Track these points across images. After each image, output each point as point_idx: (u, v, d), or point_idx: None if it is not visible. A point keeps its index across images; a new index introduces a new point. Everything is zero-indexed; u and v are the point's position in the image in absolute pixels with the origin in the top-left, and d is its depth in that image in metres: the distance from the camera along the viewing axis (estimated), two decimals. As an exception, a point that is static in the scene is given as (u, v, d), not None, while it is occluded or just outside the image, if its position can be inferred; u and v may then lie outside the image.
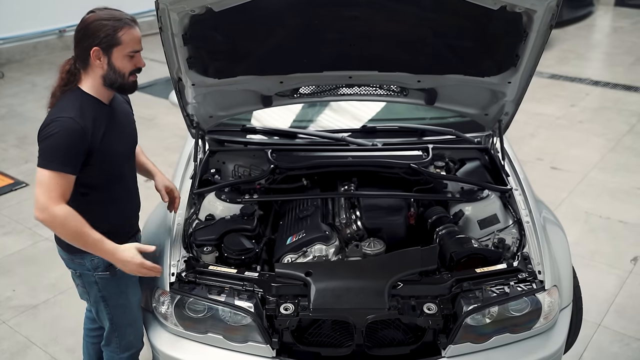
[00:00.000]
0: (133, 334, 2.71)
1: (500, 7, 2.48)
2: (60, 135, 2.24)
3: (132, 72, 2.39)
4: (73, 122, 2.26)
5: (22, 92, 7.87)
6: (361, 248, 2.73)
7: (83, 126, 2.28)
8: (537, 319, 2.51)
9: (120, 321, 2.65)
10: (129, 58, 2.34)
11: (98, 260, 2.49)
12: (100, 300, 2.60)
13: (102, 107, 2.41)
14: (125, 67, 2.35)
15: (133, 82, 2.42)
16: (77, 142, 2.27)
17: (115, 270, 2.51)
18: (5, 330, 3.79)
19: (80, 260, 2.51)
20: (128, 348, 2.72)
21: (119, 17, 2.32)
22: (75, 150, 2.27)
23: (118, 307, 2.62)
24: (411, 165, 3.08)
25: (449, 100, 3.25)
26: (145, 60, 2.40)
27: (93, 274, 2.53)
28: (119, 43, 2.30)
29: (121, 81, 2.37)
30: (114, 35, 2.28)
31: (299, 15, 2.67)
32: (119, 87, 2.40)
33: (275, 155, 3.21)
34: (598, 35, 11.44)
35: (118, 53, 2.31)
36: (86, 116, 2.31)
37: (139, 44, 2.37)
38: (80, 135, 2.27)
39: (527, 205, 2.92)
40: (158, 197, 2.82)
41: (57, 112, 2.31)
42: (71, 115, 2.27)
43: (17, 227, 4.91)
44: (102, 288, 2.57)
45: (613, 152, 6.17)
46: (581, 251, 4.40)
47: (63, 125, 2.25)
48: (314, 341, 2.50)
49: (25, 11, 9.33)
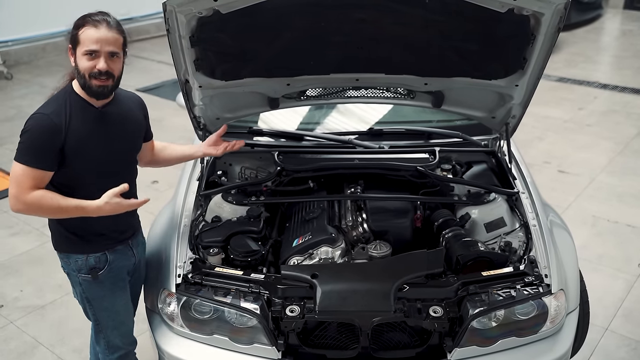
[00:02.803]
0: (119, 336, 2.70)
1: (508, 9, 2.47)
2: (34, 131, 2.29)
3: (93, 75, 2.29)
4: (47, 119, 2.29)
5: (30, 93, 7.90)
6: (367, 250, 2.74)
7: (57, 123, 2.29)
8: (543, 322, 2.50)
9: (106, 323, 2.65)
10: (87, 57, 2.28)
11: (81, 262, 2.50)
12: (85, 300, 2.61)
13: (86, 108, 2.38)
14: (83, 67, 2.29)
15: (96, 87, 2.31)
16: (49, 138, 2.29)
17: (97, 274, 2.52)
18: (12, 331, 3.80)
19: (67, 259, 2.54)
20: (116, 350, 2.72)
21: (89, 17, 2.30)
22: (46, 146, 2.29)
23: (102, 310, 2.62)
24: (418, 168, 3.08)
25: (456, 103, 3.25)
26: (153, 62, 2.41)
27: (77, 275, 2.55)
28: (78, 42, 2.28)
29: (82, 82, 2.32)
30: (76, 33, 2.28)
31: (306, 17, 2.67)
32: (85, 89, 2.34)
33: (281, 157, 3.21)
34: (607, 38, 11.40)
35: (79, 52, 2.29)
36: (65, 114, 2.32)
37: (97, 44, 2.26)
38: (52, 131, 2.28)
39: (534, 208, 2.91)
40: (165, 198, 2.83)
41: (40, 107, 2.35)
42: (47, 112, 2.30)
43: (25, 228, 4.93)
44: (85, 289, 2.58)
45: (621, 155, 6.14)
46: (588, 255, 4.38)
47: (37, 121, 2.30)
48: (319, 343, 2.50)
49: (34, 13, 9.38)
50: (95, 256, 2.52)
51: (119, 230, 2.59)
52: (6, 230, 4.94)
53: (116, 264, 2.58)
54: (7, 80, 8.75)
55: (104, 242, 2.53)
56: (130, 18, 10.40)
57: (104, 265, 2.54)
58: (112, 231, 2.55)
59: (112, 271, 2.57)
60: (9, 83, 8.64)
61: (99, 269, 2.53)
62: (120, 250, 2.60)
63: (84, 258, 2.50)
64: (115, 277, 2.59)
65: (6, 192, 5.41)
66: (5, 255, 4.60)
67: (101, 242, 2.53)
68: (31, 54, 9.68)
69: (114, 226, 2.54)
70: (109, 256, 2.55)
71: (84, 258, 2.51)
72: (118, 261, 2.59)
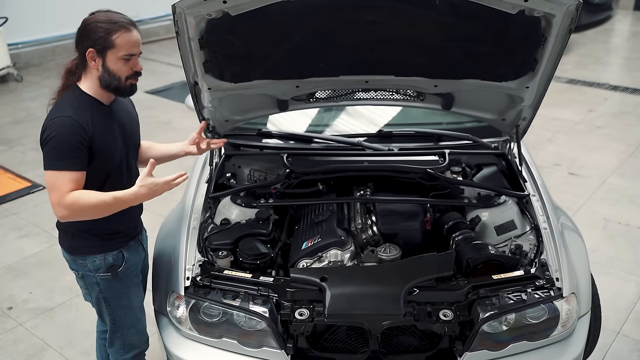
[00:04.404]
0: (135, 334, 2.73)
1: (519, 11, 2.45)
2: (62, 135, 2.29)
3: (130, 76, 2.39)
4: (70, 120, 2.30)
5: (40, 95, 7.94)
6: (377, 253, 2.72)
7: (81, 123, 2.31)
8: (554, 326, 2.48)
9: (123, 322, 2.68)
10: (123, 61, 2.35)
11: (100, 261, 2.53)
12: (102, 301, 2.63)
13: (99, 107, 2.43)
14: (120, 70, 2.36)
15: (130, 86, 2.42)
16: (78, 138, 2.31)
17: (116, 271, 2.55)
18: (21, 333, 3.81)
19: (82, 261, 2.55)
20: (131, 348, 2.75)
21: (115, 20, 2.33)
22: (77, 146, 2.30)
23: (120, 308, 2.64)
24: (427, 171, 3.06)
25: (466, 105, 3.23)
26: (162, 64, 2.43)
27: (95, 275, 2.56)
28: (113, 46, 2.31)
29: (117, 84, 2.38)
30: (107, 37, 2.30)
31: (316, 19, 2.66)
32: (115, 90, 2.41)
33: (290, 159, 3.20)
34: (617, 39, 11.35)
35: (112, 55, 2.33)
36: (83, 114, 2.34)
37: (135, 48, 2.36)
38: (80, 130, 2.31)
39: (545, 211, 2.89)
40: (173, 200, 2.83)
41: (55, 112, 2.36)
42: (69, 114, 2.31)
43: (34, 230, 4.95)
44: (103, 289, 2.59)
45: (632, 157, 6.10)
46: (600, 258, 4.35)
47: (62, 124, 2.30)
48: (328, 347, 2.49)
49: (43, 15, 9.44)
50: (113, 254, 2.56)
51: (132, 225, 2.64)
52: (15, 232, 4.96)
53: (131, 260, 2.63)
54: (17, 82, 8.81)
55: (119, 240, 2.57)
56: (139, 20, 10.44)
57: (121, 262, 2.58)
58: (127, 227, 2.60)
59: (129, 268, 2.62)
60: (19, 85, 8.69)
61: (118, 266, 2.57)
62: (133, 247, 2.65)
63: (102, 257, 2.53)
64: (131, 273, 2.65)
65: (16, 194, 5.52)
66: (15, 257, 4.62)
67: (117, 239, 2.56)
68: (41, 56, 9.74)
69: (129, 222, 2.60)
70: (125, 253, 2.60)
71: (102, 257, 2.53)
72: (132, 257, 2.64)
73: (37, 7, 9.37)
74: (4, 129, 7.08)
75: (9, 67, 8.75)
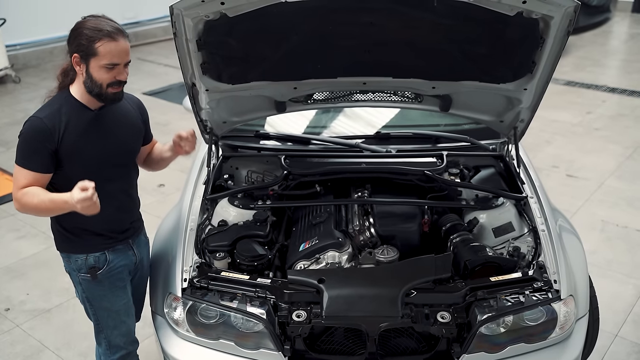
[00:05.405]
0: (119, 336, 2.72)
1: (517, 13, 2.46)
2: (27, 134, 2.35)
3: (111, 84, 2.36)
4: (40, 122, 2.34)
5: (38, 97, 7.83)
6: (374, 255, 2.71)
7: (50, 126, 2.33)
8: (552, 329, 2.47)
9: (106, 323, 2.68)
10: (106, 69, 2.32)
11: (81, 261, 2.54)
12: (85, 300, 2.64)
13: (83, 111, 2.43)
14: (101, 78, 2.34)
15: (112, 94, 2.39)
16: (41, 142, 2.34)
17: (95, 273, 2.55)
18: (18, 334, 3.80)
19: (67, 259, 2.58)
20: (117, 350, 2.74)
21: (101, 27, 2.30)
22: (39, 148, 2.34)
23: (102, 310, 2.65)
24: (425, 172, 3.06)
25: (464, 107, 3.23)
26: (160, 65, 2.42)
27: (77, 275, 2.58)
28: (96, 54, 2.30)
29: (98, 91, 2.37)
30: (90, 45, 2.29)
31: (314, 21, 2.66)
32: (97, 96, 2.39)
33: (288, 161, 3.20)
34: (615, 41, 11.36)
35: (94, 63, 2.32)
36: (59, 118, 2.36)
37: (117, 58, 2.33)
38: (44, 135, 2.33)
39: (543, 213, 2.88)
40: (171, 201, 2.82)
41: (36, 111, 2.40)
42: (41, 116, 2.35)
43: (32, 231, 4.94)
44: (85, 289, 2.61)
45: (630, 159, 6.10)
46: (598, 260, 4.35)
47: (31, 125, 2.36)
48: (326, 349, 2.48)
49: (41, 17, 9.43)
50: (95, 256, 2.56)
51: (118, 230, 2.61)
52: (13, 233, 4.95)
53: (116, 263, 2.61)
54: (14, 83, 8.80)
55: (103, 242, 2.56)
56: (137, 22, 10.45)
57: (103, 264, 2.57)
58: (110, 231, 2.58)
59: (112, 271, 2.60)
60: (17, 86, 8.68)
61: (98, 269, 2.56)
62: (120, 250, 2.63)
63: (83, 258, 2.54)
64: (114, 276, 2.62)
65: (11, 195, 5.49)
66: (12, 258, 4.61)
67: (100, 241, 2.56)
68: (39, 58, 9.72)
69: (114, 225, 2.58)
70: (109, 255, 2.58)
71: (84, 258, 2.54)
72: (118, 260, 2.61)
73: (35, 9, 9.37)
74: (2, 131, 7.07)
75: (6, 69, 8.73)
